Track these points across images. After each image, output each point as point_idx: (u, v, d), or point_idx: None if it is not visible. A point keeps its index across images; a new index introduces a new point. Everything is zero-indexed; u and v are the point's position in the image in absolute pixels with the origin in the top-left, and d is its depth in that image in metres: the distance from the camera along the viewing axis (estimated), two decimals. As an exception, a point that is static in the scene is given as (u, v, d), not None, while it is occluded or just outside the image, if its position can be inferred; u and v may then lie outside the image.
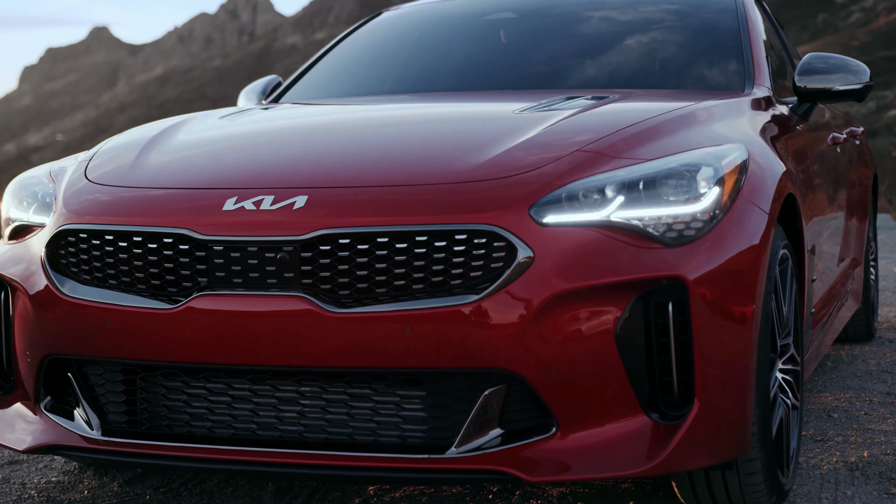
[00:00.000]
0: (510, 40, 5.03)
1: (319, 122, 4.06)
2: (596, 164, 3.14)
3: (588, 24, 4.96)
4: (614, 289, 2.96)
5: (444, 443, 3.00)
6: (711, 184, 3.11)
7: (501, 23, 5.11)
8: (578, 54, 4.81)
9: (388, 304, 2.95)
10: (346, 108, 4.46)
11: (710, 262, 3.04)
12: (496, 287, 2.92)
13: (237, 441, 3.12)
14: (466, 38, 5.17)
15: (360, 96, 4.85)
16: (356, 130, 3.85)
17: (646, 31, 4.88)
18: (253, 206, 3.08)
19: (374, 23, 5.55)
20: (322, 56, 5.38)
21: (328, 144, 3.63)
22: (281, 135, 3.86)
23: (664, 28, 4.89)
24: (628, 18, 5.00)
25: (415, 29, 5.43)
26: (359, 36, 5.47)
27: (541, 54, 4.89)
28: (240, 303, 3.03)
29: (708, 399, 3.01)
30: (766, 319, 3.20)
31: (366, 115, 4.23)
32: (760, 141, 3.66)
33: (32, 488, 3.85)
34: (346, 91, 5.01)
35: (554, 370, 2.94)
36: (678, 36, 4.83)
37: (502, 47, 5.03)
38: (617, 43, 4.85)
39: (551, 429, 2.98)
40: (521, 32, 5.04)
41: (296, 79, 5.25)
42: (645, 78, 4.60)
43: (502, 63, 4.93)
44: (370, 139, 3.65)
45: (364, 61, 5.27)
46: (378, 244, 2.96)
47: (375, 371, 2.99)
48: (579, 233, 2.99)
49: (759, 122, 3.93)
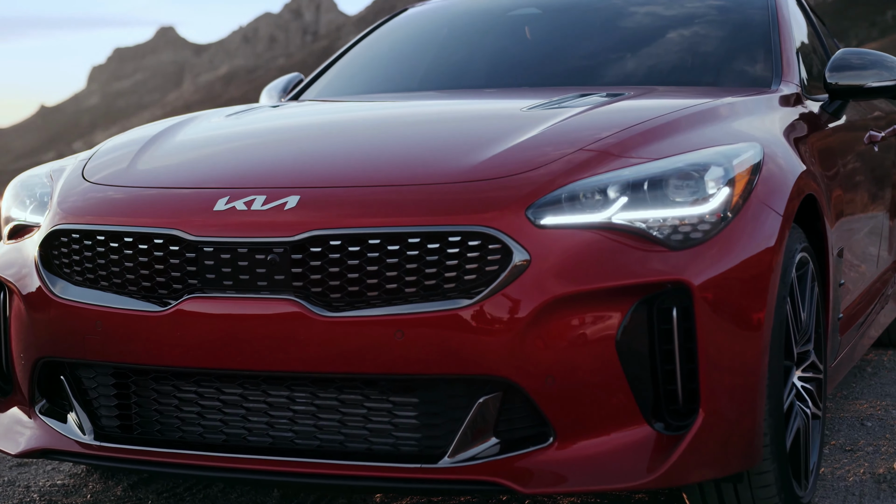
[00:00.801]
0: (535, 36, 4.91)
1: (321, 121, 3.97)
2: (599, 163, 3.02)
3: (614, 19, 4.83)
4: (615, 293, 2.84)
5: (437, 452, 2.89)
6: (721, 184, 2.98)
7: (526, 18, 4.99)
8: (605, 50, 4.68)
9: (379, 308, 2.85)
10: (355, 105, 4.37)
11: (718, 266, 2.91)
12: (490, 291, 2.81)
13: (228, 448, 3.04)
14: (492, 34, 5.06)
15: (382, 93, 4.76)
16: (357, 129, 3.75)
17: (672, 27, 4.74)
18: (244, 207, 2.99)
19: (399, 19, 5.45)
20: (344, 53, 5.30)
21: (326, 143, 3.54)
22: (280, 134, 3.77)
23: (691, 23, 4.74)
24: (655, 13, 4.86)
25: (442, 25, 5.32)
26: (384, 32, 5.37)
27: (568, 50, 4.77)
28: (230, 306, 2.95)
29: (714, 409, 2.88)
30: (779, 325, 3.06)
31: (371, 113, 4.13)
32: (780, 139, 3.52)
33: (36, 491, 3.80)
34: (368, 88, 4.92)
35: (551, 378, 2.82)
36: (706, 31, 4.68)
37: (529, 43, 4.91)
38: (643, 38, 4.72)
39: (548, 439, 2.87)
40: (546, 28, 4.92)
41: (316, 76, 5.16)
42: (669, 74, 4.46)
43: (529, 59, 4.81)
44: (369, 138, 3.55)
45: (388, 58, 5.18)
46: (369, 246, 2.87)
47: (366, 377, 2.89)
48: (579, 235, 2.88)
49: (782, 119, 3.79)
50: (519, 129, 3.25)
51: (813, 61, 4.87)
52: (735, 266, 2.94)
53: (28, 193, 3.51)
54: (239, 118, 3.99)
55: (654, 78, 4.44)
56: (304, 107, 4.31)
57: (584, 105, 3.53)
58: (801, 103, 4.16)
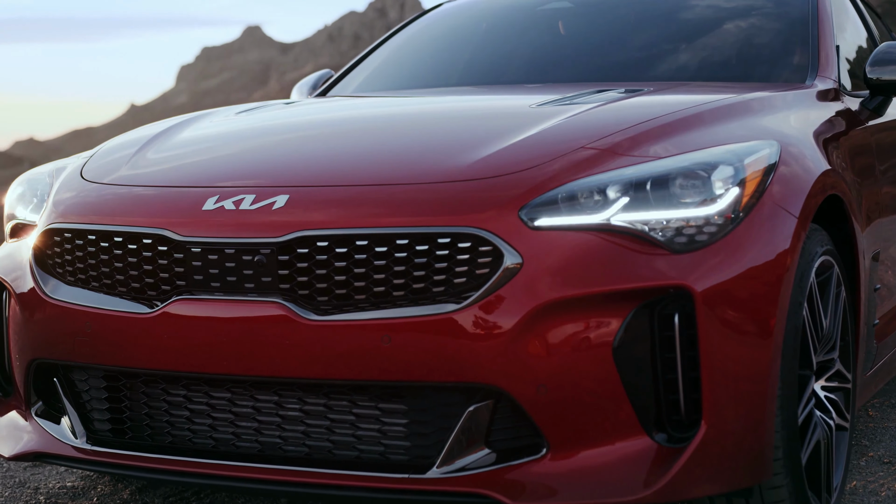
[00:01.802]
0: (569, 31, 4.78)
1: (325, 119, 3.85)
2: (600, 162, 2.89)
3: (645, 12, 4.67)
4: (612, 298, 2.71)
5: (426, 461, 2.78)
6: (730, 184, 2.84)
7: (558, 12, 4.85)
8: (638, 45, 4.53)
9: (366, 312, 2.74)
10: (371, 101, 4.27)
11: (723, 271, 2.76)
12: (479, 295, 2.69)
13: (218, 454, 2.95)
14: (525, 29, 4.93)
15: (411, 89, 4.65)
16: (359, 126, 3.64)
17: (708, 21, 4.58)
18: (232, 206, 2.91)
19: (432, 15, 5.33)
20: (376, 48, 5.19)
21: (323, 141, 3.43)
22: (279, 132, 3.65)
23: (728, 17, 4.57)
24: (690, 6, 4.69)
25: (479, 20, 5.19)
26: (417, 28, 5.25)
27: (601, 46, 4.63)
28: (216, 308, 2.86)
29: (717, 421, 2.74)
30: (792, 333, 2.91)
31: (379, 110, 4.02)
32: (804, 136, 3.36)
33: (44, 493, 3.75)
34: (399, 83, 4.82)
35: (543, 386, 2.70)
36: (742, 25, 4.51)
37: (564, 38, 4.78)
38: (677, 32, 4.56)
39: (541, 450, 2.74)
40: (578, 23, 4.79)
41: (346, 72, 5.07)
42: (702, 69, 4.30)
43: (563, 55, 4.68)
44: (369, 136, 3.44)
45: (420, 53, 5.07)
46: (357, 247, 2.76)
47: (354, 383, 2.79)
48: (575, 237, 2.75)
49: (811, 116, 3.63)
50: (521, 127, 3.12)
51: (863, 58, 4.68)
52: (742, 270, 2.79)
53: (30, 192, 3.46)
54: (245, 116, 3.90)
55: (687, 73, 4.29)
56: (318, 104, 4.21)
57: (596, 101, 3.40)
58: (838, 99, 3.98)
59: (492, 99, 4.05)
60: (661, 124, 3.08)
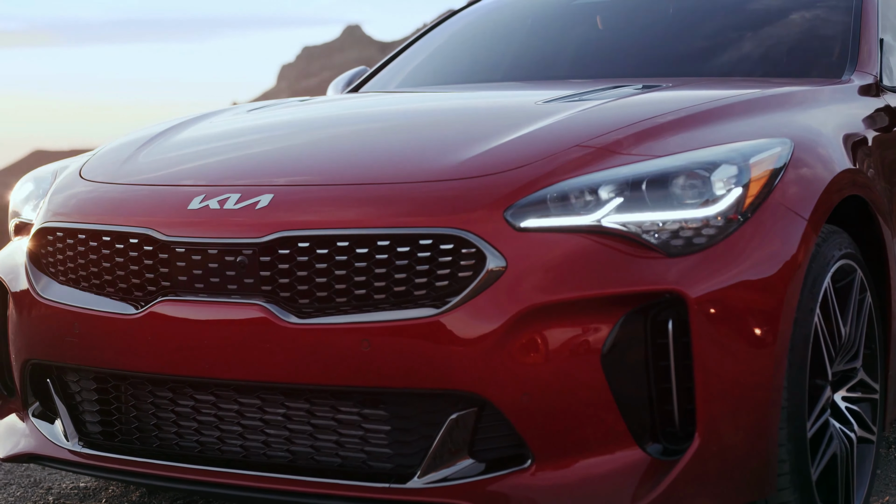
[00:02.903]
0: (607, 25, 4.64)
1: (328, 117, 3.72)
2: (595, 161, 2.76)
3: (683, 7, 4.51)
4: (600, 304, 2.59)
5: (409, 471, 2.68)
6: (732, 184, 2.70)
7: (594, 7, 4.72)
8: (673, 40, 4.38)
9: (346, 316, 2.65)
10: (386, 98, 4.16)
11: (720, 275, 2.62)
12: (461, 299, 2.59)
13: (204, 460, 2.88)
14: (567, 25, 4.81)
15: (443, 84, 4.55)
16: (358, 124, 3.53)
17: (747, 14, 4.40)
18: (217, 206, 2.83)
19: (473, 9, 5.21)
20: (412, 44, 5.10)
21: (317, 140, 3.33)
22: (276, 130, 3.54)
23: (769, 10, 4.40)
24: (729, 0, 4.53)
25: (521, 15, 5.08)
26: (450, 26, 5.14)
27: (638, 41, 4.50)
28: (200, 310, 2.79)
29: (713, 433, 2.60)
30: (800, 341, 2.76)
31: (387, 107, 3.90)
32: (829, 134, 3.19)
33: (55, 493, 3.72)
34: (433, 79, 4.71)
35: (526, 395, 2.58)
36: (783, 19, 4.33)
37: (602, 33, 4.65)
38: (712, 27, 4.39)
39: (526, 461, 2.63)
40: (615, 18, 4.65)
41: (378, 68, 4.97)
42: (738, 63, 4.13)
43: (601, 50, 4.55)
44: (365, 134, 3.33)
45: (455, 49, 4.96)
46: (338, 249, 2.67)
47: (334, 389, 2.70)
48: (563, 239, 2.62)
49: (842, 112, 3.45)
50: (518, 125, 3.00)
51: None
52: (742, 275, 2.65)
53: (34, 190, 3.42)
54: (251, 115, 3.81)
55: (721, 68, 4.12)
56: (330, 102, 4.11)
57: (605, 98, 3.27)
58: (877, 95, 3.80)
59: (501, 95, 3.93)
60: (665, 122, 2.94)
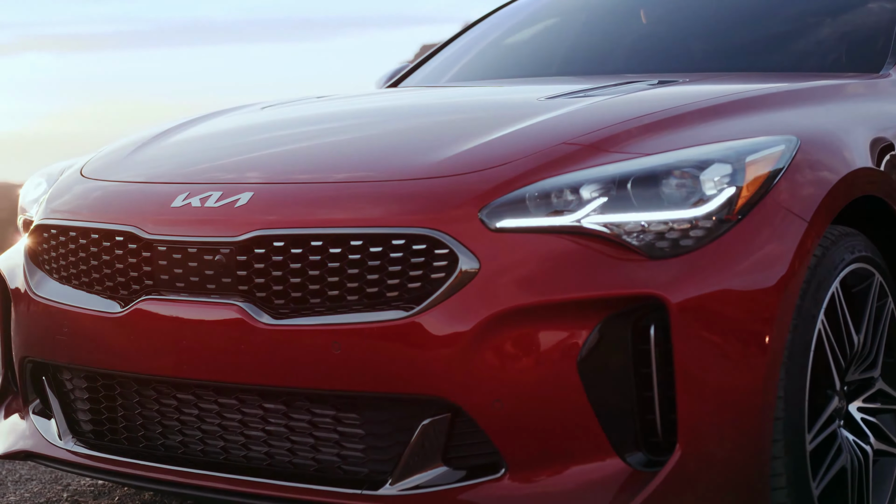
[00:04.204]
0: (650, 19, 4.51)
1: (332, 113, 3.60)
2: (580, 159, 2.65)
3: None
4: (577, 308, 2.48)
5: (383, 477, 2.60)
6: (724, 184, 2.57)
7: (640, 1, 4.59)
8: (713, 34, 4.24)
9: (317, 317, 2.58)
10: (404, 94, 4.08)
11: (706, 279, 2.50)
12: (431, 302, 2.50)
13: (187, 462, 2.83)
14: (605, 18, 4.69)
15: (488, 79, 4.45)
16: (356, 121, 3.43)
17: (792, 7, 4.24)
18: (199, 203, 2.78)
19: (525, 3, 5.10)
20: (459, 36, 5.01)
21: (309, 137, 3.24)
22: (274, 128, 3.45)
23: (812, 3, 4.22)
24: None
25: (580, 10, 4.96)
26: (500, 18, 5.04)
27: (679, 35, 4.36)
28: (179, 309, 2.74)
29: (696, 444, 2.48)
30: (801, 349, 2.62)
31: (395, 103, 3.80)
32: (849, 130, 3.02)
33: (71, 490, 3.72)
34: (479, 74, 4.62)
35: (499, 401, 2.49)
36: (824, 11, 4.16)
37: (644, 27, 4.52)
38: (755, 21, 4.23)
39: (500, 470, 2.53)
40: (658, 12, 4.52)
41: (419, 63, 4.89)
42: (774, 58, 3.97)
43: (643, 44, 4.42)
44: (360, 131, 3.24)
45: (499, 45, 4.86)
46: (312, 248, 2.60)
47: (308, 392, 2.63)
48: (540, 240, 2.52)
49: (873, 108, 3.29)
50: (511, 122, 2.90)
51: None
52: (731, 280, 2.52)
53: (46, 188, 3.42)
54: (262, 113, 3.73)
55: (758, 63, 3.97)
56: (346, 98, 4.02)
57: (611, 93, 3.15)
58: (920, 90, 3.61)
59: (517, 91, 3.82)
60: (662, 118, 2.82)
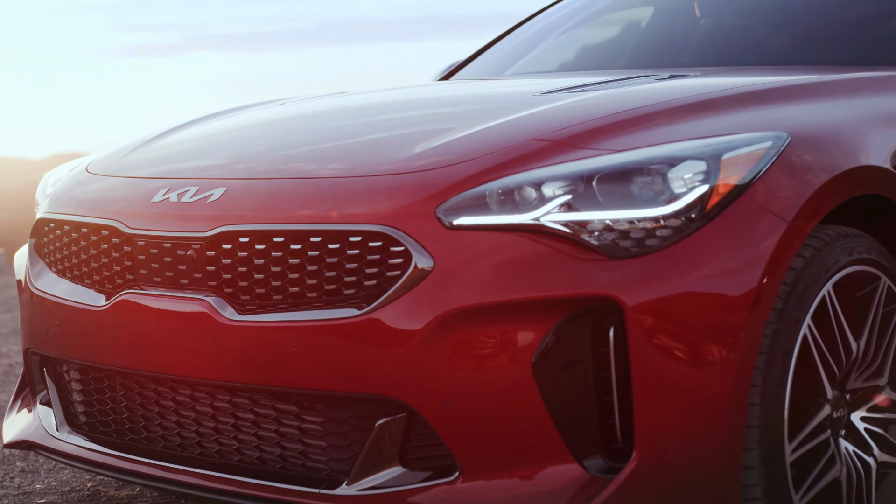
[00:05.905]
0: (704, 13, 4.38)
1: (335, 109, 3.59)
2: (549, 155, 2.57)
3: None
4: (532, 308, 2.41)
5: (341, 476, 2.58)
6: (696, 182, 2.47)
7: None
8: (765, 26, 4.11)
9: (278, 314, 2.57)
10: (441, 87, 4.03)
11: (668, 281, 2.41)
12: (384, 300, 2.46)
13: (167, 457, 2.85)
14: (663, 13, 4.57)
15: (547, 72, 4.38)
16: (353, 117, 3.40)
17: None
18: (176, 198, 2.80)
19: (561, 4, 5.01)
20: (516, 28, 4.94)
21: (293, 133, 3.23)
22: (273, 124, 3.44)
23: None
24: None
25: (647, 3, 4.85)
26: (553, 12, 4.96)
27: (734, 28, 4.25)
28: (155, 303, 2.77)
29: (655, 451, 2.40)
30: (781, 355, 2.51)
31: (403, 98, 3.74)
32: (856, 125, 2.89)
33: (97, 481, 3.77)
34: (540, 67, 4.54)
35: (450, 402, 2.44)
36: (878, 3, 3.98)
37: (698, 21, 4.39)
38: (809, 13, 4.08)
39: (454, 473, 2.48)
40: (711, 4, 4.39)
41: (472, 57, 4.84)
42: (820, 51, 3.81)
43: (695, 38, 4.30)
44: (344, 125, 3.22)
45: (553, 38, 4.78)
46: (275, 245, 2.59)
47: (269, 389, 2.62)
48: (497, 238, 2.46)
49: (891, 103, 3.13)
50: (491, 117, 2.84)
51: None
52: (697, 282, 2.43)
53: (50, 183, 3.48)
54: (277, 106, 3.73)
55: (803, 56, 3.82)
56: (365, 93, 4.00)
57: (609, 87, 3.07)
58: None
59: (519, 84, 3.75)
60: (647, 113, 2.74)
